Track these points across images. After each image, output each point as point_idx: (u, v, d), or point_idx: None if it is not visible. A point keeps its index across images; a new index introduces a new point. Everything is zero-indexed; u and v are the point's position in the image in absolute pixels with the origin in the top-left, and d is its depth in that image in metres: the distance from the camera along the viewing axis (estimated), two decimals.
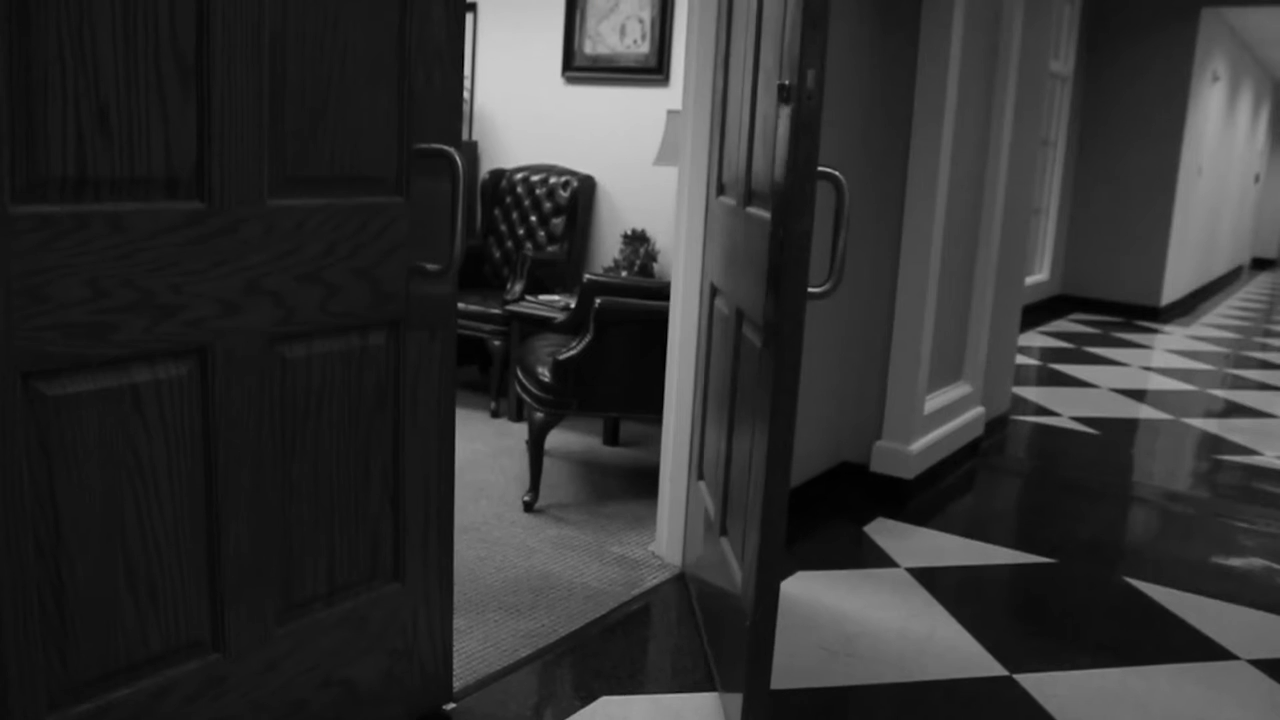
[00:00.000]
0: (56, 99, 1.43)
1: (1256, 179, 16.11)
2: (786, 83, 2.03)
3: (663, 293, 3.73)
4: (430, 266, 1.97)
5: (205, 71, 1.59)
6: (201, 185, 1.62)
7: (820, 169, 2.11)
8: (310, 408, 1.85)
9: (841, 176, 2.15)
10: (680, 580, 3.17)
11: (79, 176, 1.48)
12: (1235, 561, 3.64)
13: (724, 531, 2.61)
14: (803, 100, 1.98)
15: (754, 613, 2.10)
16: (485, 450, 4.28)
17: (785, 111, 2.03)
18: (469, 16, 5.69)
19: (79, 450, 1.54)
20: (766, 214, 2.18)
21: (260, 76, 1.67)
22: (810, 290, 2.13)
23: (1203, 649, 2.95)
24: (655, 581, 3.14)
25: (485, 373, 5.36)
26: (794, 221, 2.04)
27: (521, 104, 5.62)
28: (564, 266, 5.12)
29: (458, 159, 1.91)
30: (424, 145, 1.94)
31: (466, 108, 5.78)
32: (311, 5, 1.73)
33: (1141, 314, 9.63)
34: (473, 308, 4.79)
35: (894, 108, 3.92)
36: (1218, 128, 11.24)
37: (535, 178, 5.37)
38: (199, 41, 1.58)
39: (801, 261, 2.05)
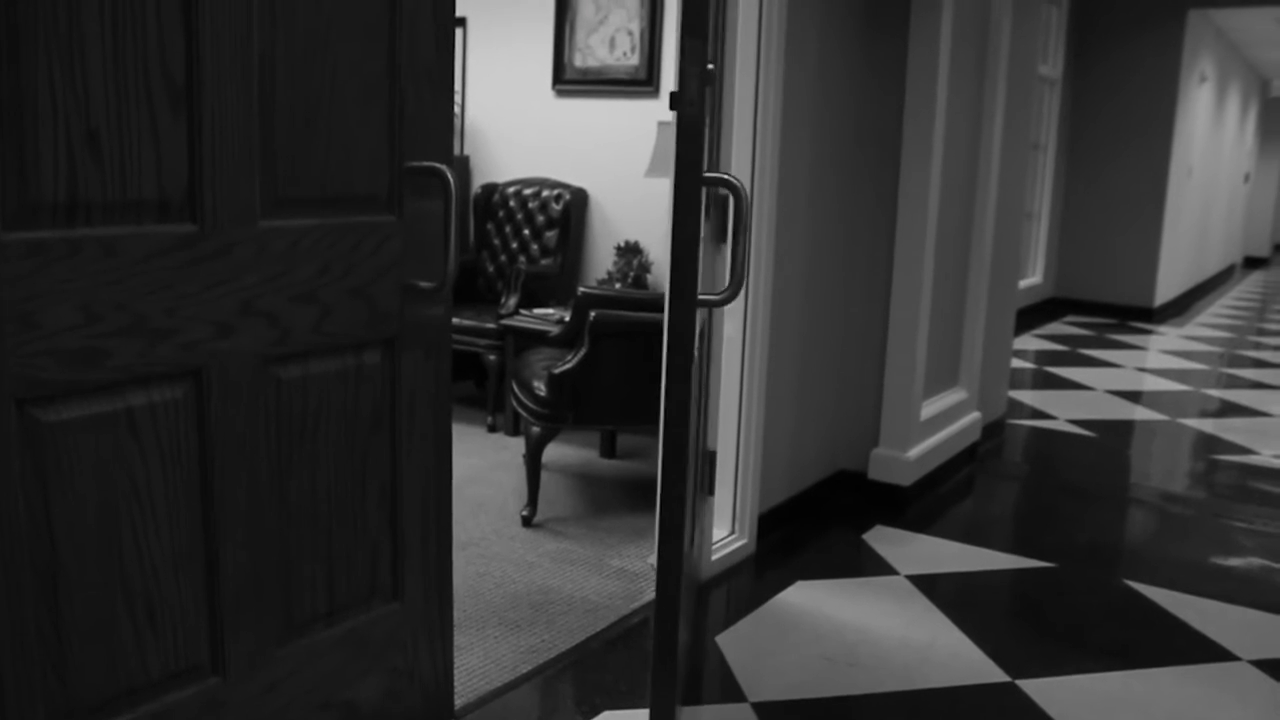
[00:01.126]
0: (47, 123, 1.43)
1: (1246, 178, 16.16)
2: (674, 90, 2.07)
3: (657, 304, 3.73)
4: (424, 284, 1.97)
5: (195, 93, 1.59)
6: (193, 207, 1.62)
7: (714, 175, 2.14)
8: (306, 428, 1.85)
9: (738, 181, 2.15)
10: None
11: (70, 201, 1.47)
12: (1234, 562, 3.64)
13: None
14: (684, 107, 2.03)
15: (654, 621, 2.12)
16: (482, 465, 4.28)
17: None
18: (459, 31, 5.69)
19: (75, 475, 1.53)
20: None
21: (250, 97, 1.67)
22: (706, 297, 2.15)
23: (1204, 650, 2.95)
24: None
25: (481, 387, 5.35)
26: (680, 228, 2.07)
27: (512, 118, 5.63)
28: (558, 279, 5.12)
29: (450, 176, 1.91)
30: (416, 163, 1.94)
31: (457, 122, 5.79)
32: (301, 25, 1.73)
33: (1135, 315, 9.65)
34: (467, 322, 4.79)
35: (884, 113, 3.93)
36: (1207, 128, 11.27)
37: (527, 191, 5.37)
38: (188, 63, 1.58)
39: (688, 268, 2.08)
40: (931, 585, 3.32)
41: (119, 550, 1.60)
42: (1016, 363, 7.19)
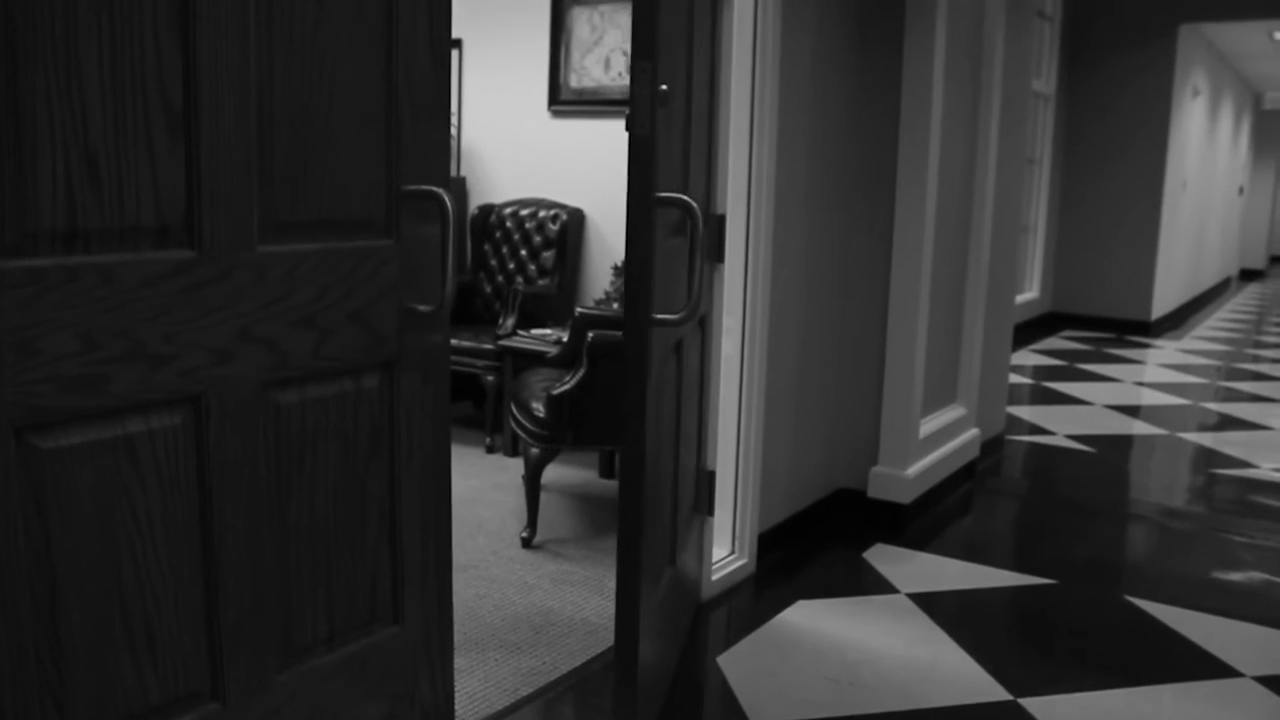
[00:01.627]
0: (45, 151, 1.43)
1: (1240, 191, 16.21)
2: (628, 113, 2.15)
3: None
4: (422, 307, 1.97)
5: (193, 119, 1.60)
6: (191, 233, 1.62)
7: (666, 195, 2.18)
8: (305, 452, 1.85)
9: (692, 202, 2.18)
10: None
11: (69, 228, 1.47)
12: (1236, 576, 3.63)
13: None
14: (635, 129, 2.10)
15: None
16: (481, 486, 4.27)
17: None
18: (454, 53, 5.72)
19: (74, 502, 1.52)
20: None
21: (248, 123, 1.67)
22: (663, 317, 2.16)
23: (1207, 666, 2.94)
24: None
25: (479, 408, 5.35)
26: (632, 247, 2.14)
27: (508, 138, 5.65)
28: (555, 300, 5.12)
29: (447, 200, 1.92)
30: (413, 187, 1.94)
31: (454, 143, 5.80)
32: (298, 50, 1.74)
33: (1132, 329, 9.66)
34: (465, 343, 4.79)
35: (879, 130, 3.94)
36: (1200, 141, 11.32)
37: (524, 212, 5.38)
38: (186, 89, 1.58)
39: (641, 288, 2.14)
40: (932, 603, 3.32)
41: (118, 577, 1.59)
42: (1014, 378, 7.19)
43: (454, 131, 5.77)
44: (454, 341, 4.62)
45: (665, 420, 2.54)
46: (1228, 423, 6.14)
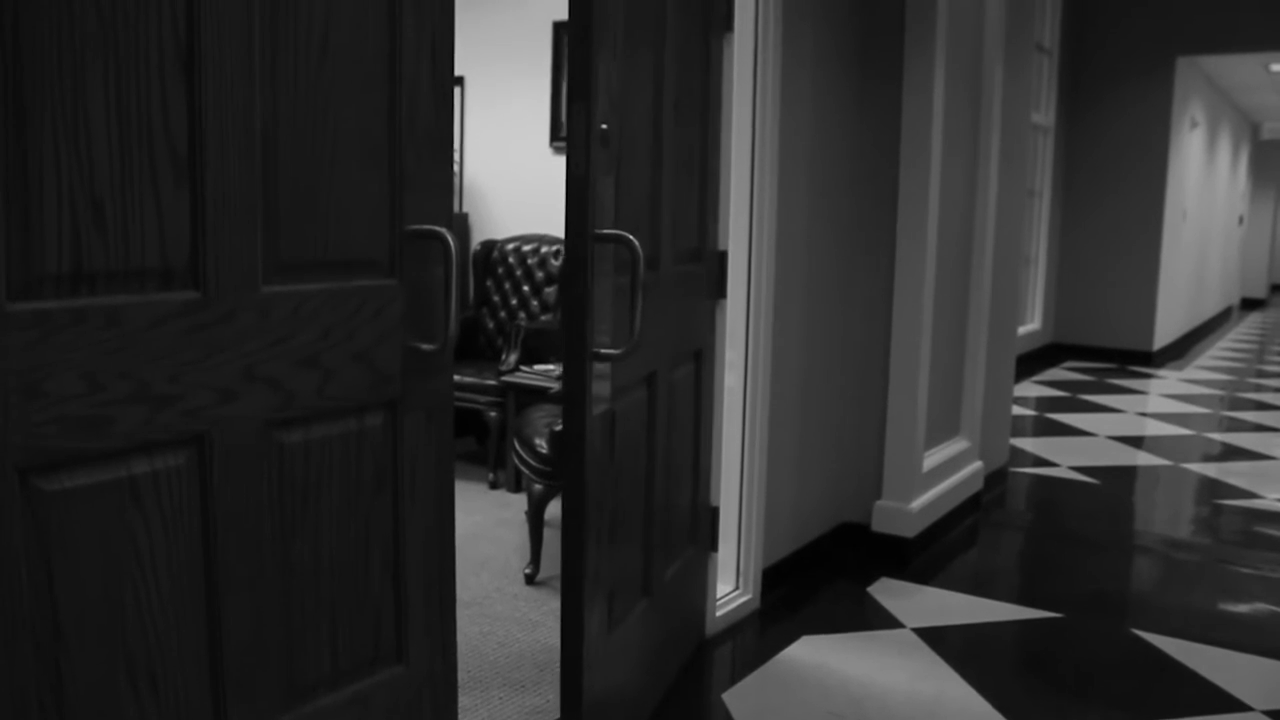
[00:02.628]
0: (52, 195, 1.44)
1: (1240, 220, 16.26)
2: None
3: None
4: (426, 346, 1.97)
5: (198, 162, 1.61)
6: (196, 275, 1.63)
7: (606, 232, 2.22)
8: (309, 492, 1.85)
9: (632, 239, 2.21)
10: None
11: (75, 271, 1.48)
12: (1242, 608, 3.62)
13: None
14: (571, 169, 2.17)
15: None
16: (485, 522, 4.26)
17: None
18: (457, 90, 5.76)
19: (78, 544, 1.53)
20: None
21: (253, 165, 1.69)
22: (603, 352, 2.23)
23: (1215, 700, 2.92)
24: None
25: (482, 444, 5.35)
26: (570, 285, 2.22)
27: (511, 175, 5.68)
28: (558, 335, 5.13)
29: (450, 239, 1.93)
30: (416, 226, 1.95)
31: (456, 180, 5.84)
32: (302, 94, 1.76)
33: (1135, 359, 9.66)
34: (468, 379, 4.80)
35: (880, 165, 3.97)
36: (1199, 172, 11.36)
37: (526, 248, 5.40)
38: (191, 132, 1.60)
39: (578, 324, 2.20)
40: (938, 638, 3.30)
41: (121, 618, 1.59)
42: (1017, 410, 7.19)
43: (456, 168, 5.80)
44: (457, 377, 4.61)
45: (629, 452, 2.55)
46: (1231, 453, 6.12)
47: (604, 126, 2.21)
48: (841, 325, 4.02)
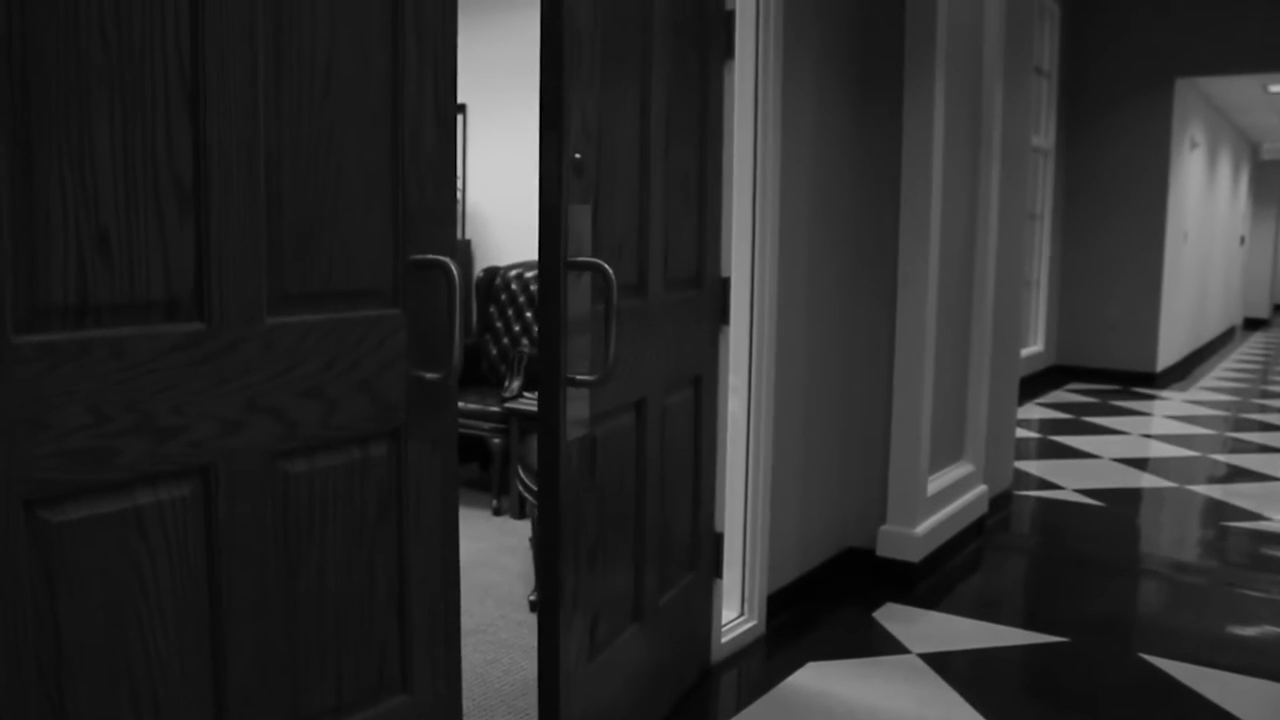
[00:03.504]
0: (58, 228, 1.45)
1: (1242, 240, 16.28)
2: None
3: None
4: (430, 375, 1.98)
5: (203, 194, 1.62)
6: (201, 306, 1.64)
7: (580, 260, 2.24)
8: (314, 522, 1.85)
9: (606, 266, 2.23)
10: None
11: (80, 303, 1.49)
12: (1250, 632, 3.60)
13: None
14: (542, 197, 2.21)
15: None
16: (489, 549, 4.25)
17: None
18: (459, 117, 5.78)
19: (82, 576, 1.53)
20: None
21: (257, 197, 1.70)
22: (579, 378, 2.26)
23: None
24: None
25: (486, 470, 5.35)
26: (544, 311, 2.26)
27: (513, 201, 5.70)
28: None
29: (453, 269, 1.93)
30: (420, 256, 1.96)
31: (459, 207, 5.85)
32: (305, 127, 1.77)
33: (1138, 380, 9.65)
34: (471, 406, 4.80)
35: (880, 189, 3.98)
36: (1200, 193, 11.39)
37: (529, 274, 5.41)
38: (196, 165, 1.61)
39: (552, 351, 2.24)
40: (944, 663, 3.29)
41: (125, 650, 1.59)
42: (1021, 432, 7.18)
43: (459, 195, 5.82)
44: (460, 404, 4.62)
45: (615, 477, 2.56)
46: (1237, 474, 6.11)
47: (578, 156, 2.24)
48: (844, 350, 4.02)
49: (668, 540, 2.89)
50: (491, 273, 5.53)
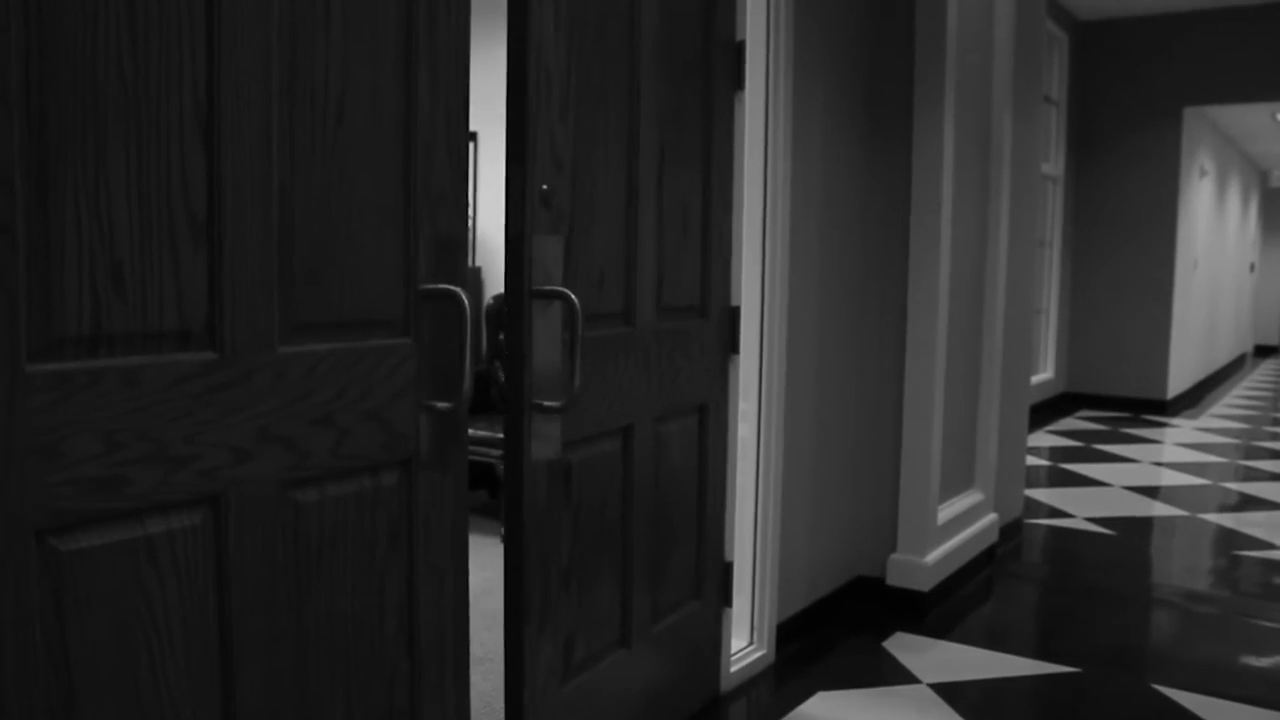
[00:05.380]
0: (72, 260, 1.46)
1: (1252, 268, 16.25)
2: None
3: None
4: (440, 404, 1.98)
5: (216, 226, 1.63)
6: (213, 336, 1.65)
7: (546, 289, 2.29)
8: (324, 551, 1.85)
9: (570, 294, 2.27)
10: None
11: (94, 334, 1.50)
12: (1264, 662, 3.57)
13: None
14: (508, 228, 2.26)
15: None
16: (496, 577, 4.24)
17: None
18: (470, 145, 5.81)
19: (93, 604, 1.53)
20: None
21: (270, 227, 1.71)
22: (545, 404, 2.30)
23: None
24: None
25: (495, 497, 5.34)
26: (509, 340, 2.31)
27: None
28: None
29: (464, 299, 1.94)
30: (431, 286, 1.97)
31: (469, 235, 5.87)
32: (319, 155, 1.78)
33: (1149, 408, 9.62)
34: (480, 433, 4.80)
35: (891, 217, 3.99)
36: (1209, 220, 11.39)
37: None
38: (210, 197, 1.62)
39: (517, 377, 2.29)
40: (954, 693, 3.27)
41: (135, 680, 1.59)
42: (1031, 460, 7.15)
43: (470, 223, 5.85)
44: (470, 431, 4.63)
45: (594, 502, 2.58)
46: (1248, 502, 6.08)
47: (545, 187, 2.26)
48: (854, 378, 4.02)
49: (664, 566, 2.88)
50: (501, 300, 5.54)
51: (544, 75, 2.29)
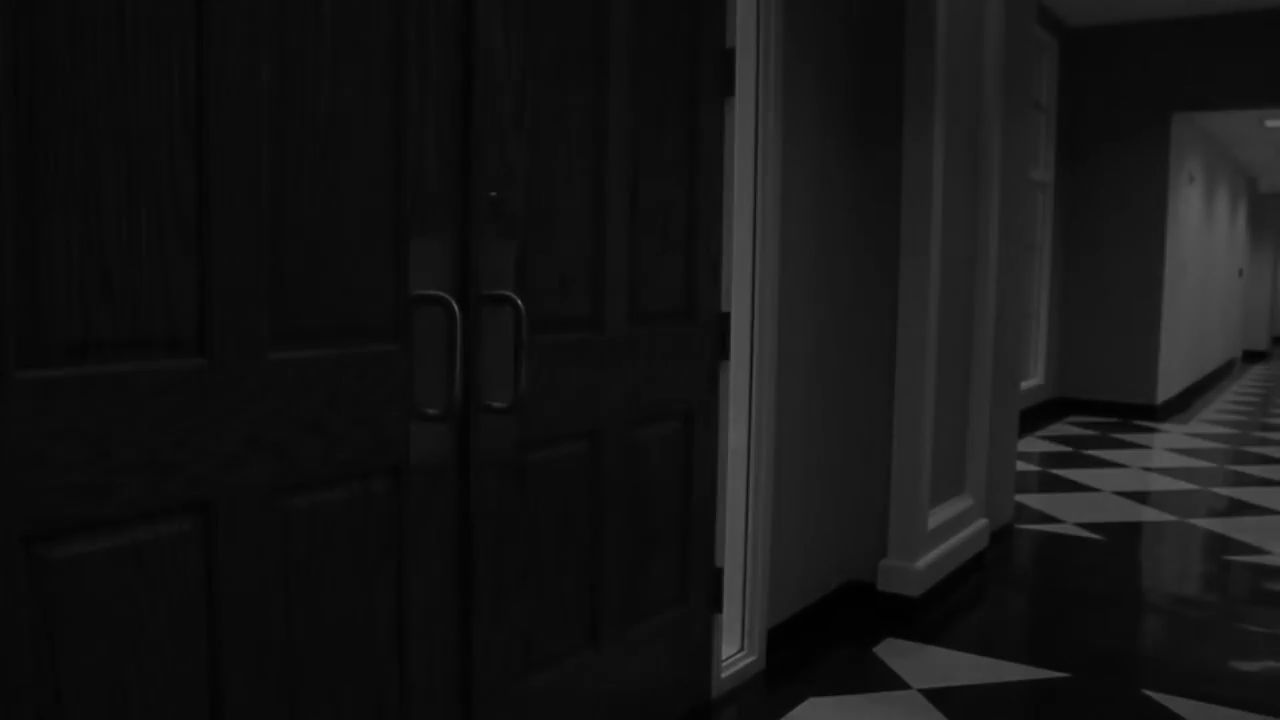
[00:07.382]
0: (61, 266, 1.46)
1: (1240, 273, 16.32)
2: None
3: None
4: (430, 410, 1.98)
5: (206, 233, 1.63)
6: (203, 342, 1.64)
7: (493, 293, 2.27)
8: (314, 558, 1.85)
9: (516, 298, 2.24)
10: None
11: (82, 340, 1.50)
12: (1253, 667, 3.58)
13: None
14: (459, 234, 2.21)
15: None
16: None
17: None
18: None
19: (80, 612, 1.52)
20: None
21: (260, 235, 1.71)
22: (491, 405, 2.26)
23: None
24: None
25: None
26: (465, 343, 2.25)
27: None
28: None
29: (454, 306, 1.94)
30: (421, 292, 1.97)
31: None
32: (310, 162, 1.78)
33: (1138, 413, 9.65)
34: None
35: (880, 221, 3.99)
36: (1198, 226, 11.43)
37: None
38: (199, 204, 1.62)
39: (466, 380, 2.24)
40: (944, 699, 3.27)
41: (123, 686, 1.58)
42: (1021, 465, 7.17)
43: None
44: None
45: (553, 505, 2.53)
46: (1238, 508, 6.10)
47: (493, 194, 2.23)
48: (844, 383, 4.02)
49: (641, 571, 2.87)
50: None
51: (491, 82, 2.24)
